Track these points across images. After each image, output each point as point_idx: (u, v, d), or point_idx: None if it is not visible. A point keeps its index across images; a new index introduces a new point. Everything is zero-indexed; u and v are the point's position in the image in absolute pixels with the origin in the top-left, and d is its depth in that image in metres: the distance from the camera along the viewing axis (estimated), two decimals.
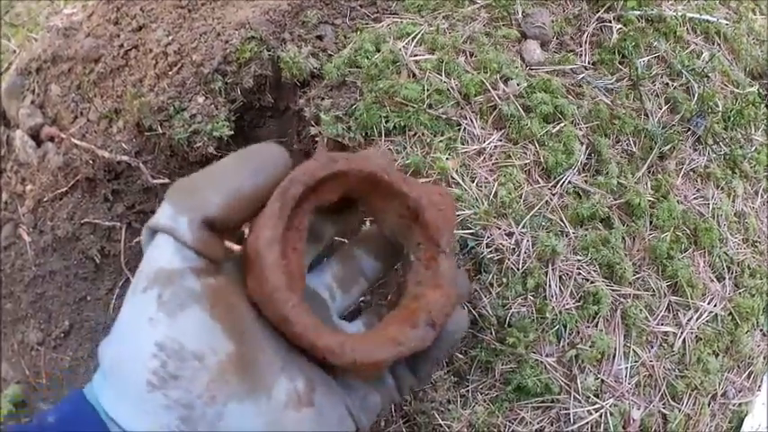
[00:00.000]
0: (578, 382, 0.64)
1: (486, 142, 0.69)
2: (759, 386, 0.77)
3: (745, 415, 0.75)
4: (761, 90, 0.89)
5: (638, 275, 0.69)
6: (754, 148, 0.84)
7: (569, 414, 0.63)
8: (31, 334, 0.80)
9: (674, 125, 0.77)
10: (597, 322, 0.66)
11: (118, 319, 0.31)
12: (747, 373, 0.75)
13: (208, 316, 0.30)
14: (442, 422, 0.62)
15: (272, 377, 0.32)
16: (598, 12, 0.82)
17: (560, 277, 0.66)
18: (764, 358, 0.77)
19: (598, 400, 0.64)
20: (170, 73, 0.72)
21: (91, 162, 0.72)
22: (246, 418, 0.30)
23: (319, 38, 0.75)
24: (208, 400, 0.29)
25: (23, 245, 0.78)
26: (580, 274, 0.67)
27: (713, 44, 0.88)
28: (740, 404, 0.74)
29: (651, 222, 0.72)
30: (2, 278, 0.80)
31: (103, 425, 0.29)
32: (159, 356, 0.29)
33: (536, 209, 0.67)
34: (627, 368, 0.66)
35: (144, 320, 0.30)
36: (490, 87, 0.71)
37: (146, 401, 0.29)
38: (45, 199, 0.75)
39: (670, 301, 0.70)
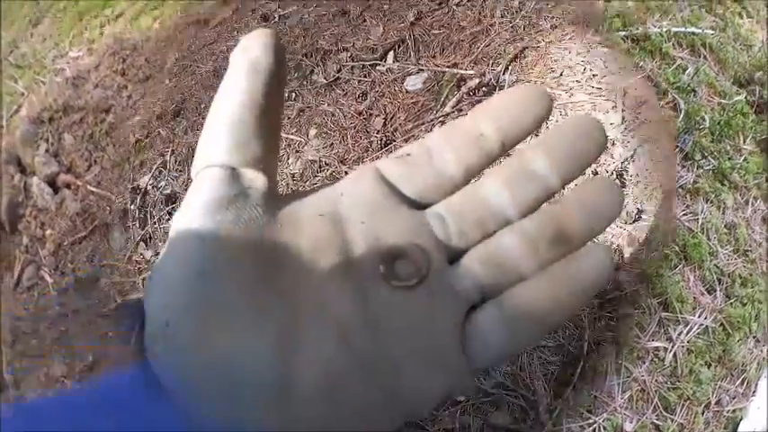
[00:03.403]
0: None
1: None
2: (753, 391, 0.79)
3: (740, 420, 0.77)
4: (748, 97, 0.91)
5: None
6: (743, 157, 0.86)
7: (563, 430, 0.66)
8: (55, 367, 0.85)
9: None
10: None
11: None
12: (741, 379, 0.77)
13: None
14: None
15: None
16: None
17: None
18: (758, 363, 0.79)
19: (591, 416, 0.67)
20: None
21: (108, 208, 0.76)
22: None
23: None
24: None
25: (46, 285, 0.82)
26: None
27: (699, 56, 0.90)
28: (734, 410, 0.77)
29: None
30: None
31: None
32: None
33: None
34: (619, 384, 0.69)
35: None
36: None
37: None
38: (65, 243, 0.80)
39: (660, 317, 0.73)
